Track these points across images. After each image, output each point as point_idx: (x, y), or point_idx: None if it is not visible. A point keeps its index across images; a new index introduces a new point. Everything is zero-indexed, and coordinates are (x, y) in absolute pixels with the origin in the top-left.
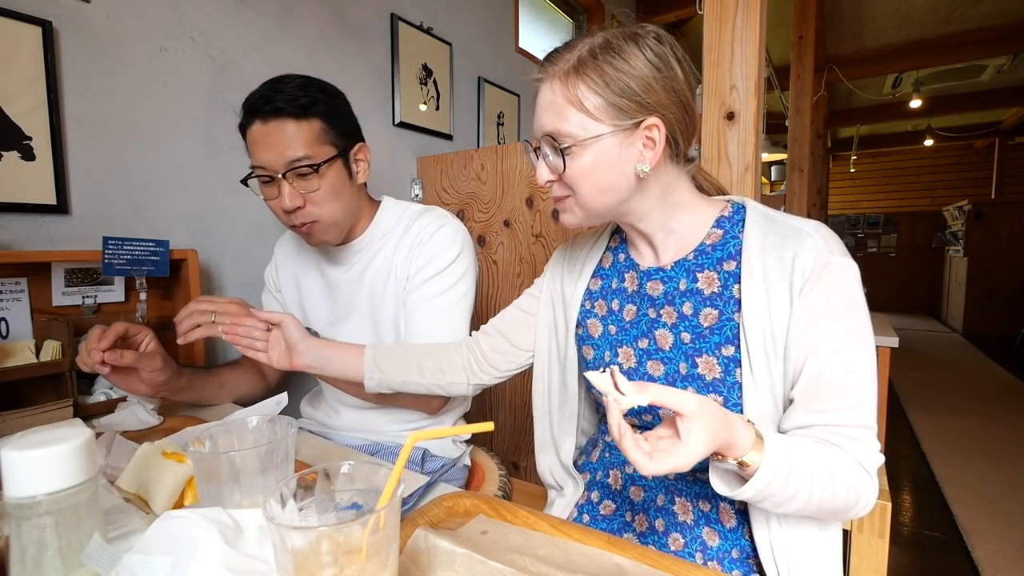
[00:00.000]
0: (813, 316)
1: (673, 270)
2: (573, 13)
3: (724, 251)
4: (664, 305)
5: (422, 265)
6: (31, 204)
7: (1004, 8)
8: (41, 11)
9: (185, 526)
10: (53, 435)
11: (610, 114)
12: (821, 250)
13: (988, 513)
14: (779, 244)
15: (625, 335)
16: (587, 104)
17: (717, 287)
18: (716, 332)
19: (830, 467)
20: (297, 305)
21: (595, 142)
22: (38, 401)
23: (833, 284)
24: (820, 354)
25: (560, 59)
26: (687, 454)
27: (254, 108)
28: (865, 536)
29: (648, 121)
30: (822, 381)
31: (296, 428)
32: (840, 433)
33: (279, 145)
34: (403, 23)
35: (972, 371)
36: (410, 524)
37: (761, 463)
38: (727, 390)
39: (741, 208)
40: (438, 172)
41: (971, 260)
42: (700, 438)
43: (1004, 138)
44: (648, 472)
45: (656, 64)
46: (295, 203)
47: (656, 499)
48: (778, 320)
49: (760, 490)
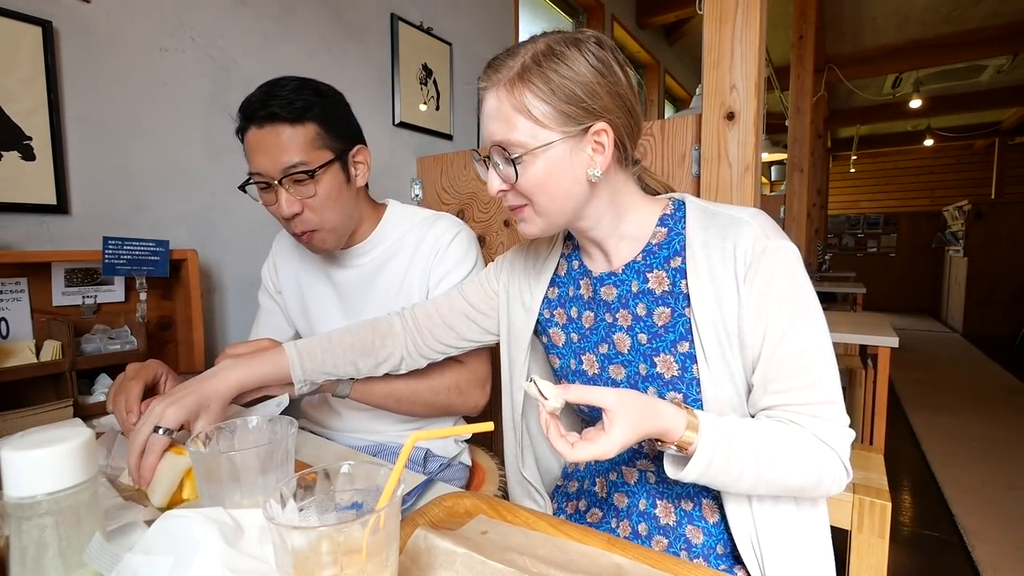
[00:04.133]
0: (759, 301)
1: (624, 273)
2: (573, 13)
3: (670, 248)
4: (619, 309)
5: (442, 276)
6: (31, 204)
7: (1004, 8)
8: (41, 11)
9: (186, 526)
10: (53, 435)
11: (558, 121)
12: (758, 236)
13: (988, 513)
14: (720, 235)
15: (586, 342)
16: (535, 112)
17: (667, 285)
18: (670, 330)
19: (780, 445)
20: (299, 308)
21: (545, 150)
22: (38, 401)
23: (773, 268)
24: (772, 337)
25: (503, 67)
26: (607, 442)
27: (249, 113)
28: (865, 536)
29: (596, 126)
30: (776, 363)
31: (296, 428)
32: (801, 411)
33: (274, 151)
34: (403, 23)
35: (972, 371)
36: (410, 524)
37: (699, 443)
38: (685, 386)
39: (682, 204)
40: (438, 172)
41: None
42: (620, 428)
43: (1004, 138)
44: (570, 459)
45: (599, 69)
46: (292, 210)
47: (638, 504)
48: (728, 310)
49: (702, 471)
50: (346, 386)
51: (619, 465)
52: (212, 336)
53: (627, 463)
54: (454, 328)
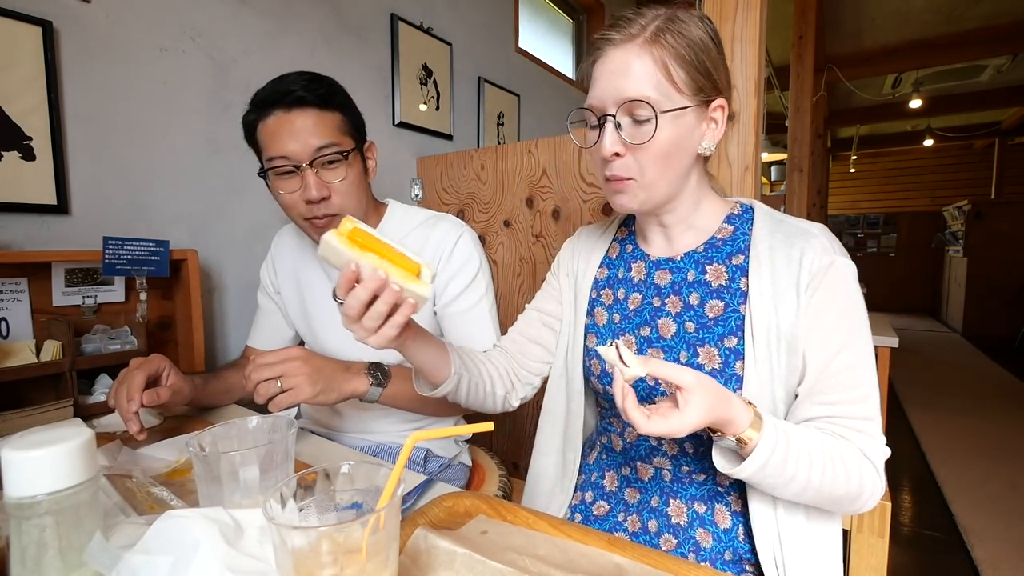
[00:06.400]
0: (820, 312)
1: (682, 261)
2: (573, 13)
3: (733, 246)
4: (670, 294)
5: (449, 278)
6: (31, 204)
7: (1004, 8)
8: (41, 11)
9: (185, 526)
10: (53, 435)
11: (691, 87)
12: (827, 249)
13: (988, 513)
14: (787, 242)
15: (628, 323)
16: (673, 74)
17: (725, 280)
18: (720, 323)
19: (831, 454)
20: (299, 308)
21: (678, 116)
22: (38, 401)
23: (838, 282)
24: (828, 349)
25: (635, 24)
26: (682, 420)
27: (273, 99)
28: (865, 536)
29: (717, 100)
30: (829, 375)
31: (296, 428)
32: (846, 424)
33: (305, 133)
34: (403, 23)
35: (972, 371)
36: (410, 524)
37: (759, 441)
38: (724, 380)
39: (750, 208)
40: (438, 172)
41: (971, 260)
42: (695, 409)
43: (1004, 138)
44: (644, 430)
45: (718, 44)
46: (322, 193)
47: (651, 501)
48: (784, 314)
49: (758, 468)
50: (376, 391)
51: (634, 460)
52: (212, 336)
53: (643, 459)
54: (540, 342)
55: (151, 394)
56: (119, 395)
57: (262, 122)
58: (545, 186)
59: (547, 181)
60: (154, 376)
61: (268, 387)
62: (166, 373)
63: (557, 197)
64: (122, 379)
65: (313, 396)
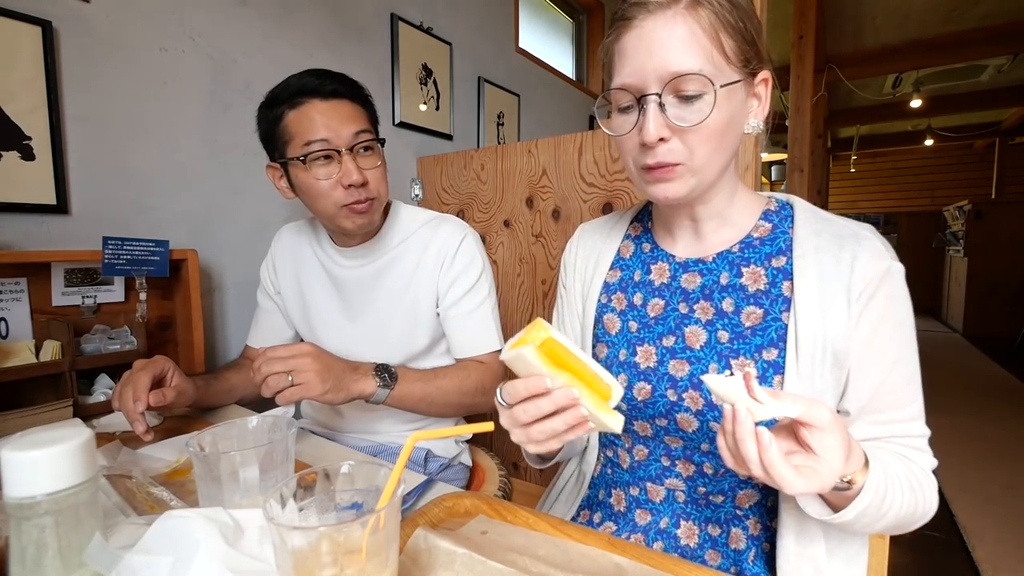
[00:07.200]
0: (877, 323)
1: (715, 262)
2: (573, 13)
3: (773, 246)
4: (699, 300)
5: (452, 280)
6: (31, 204)
7: (1004, 8)
8: (41, 11)
9: (186, 526)
10: (53, 435)
11: (740, 59)
12: (882, 254)
13: (988, 513)
14: (835, 244)
15: (648, 332)
16: (725, 44)
17: (764, 284)
18: (759, 333)
19: (910, 480)
20: (299, 308)
21: (731, 91)
22: (38, 401)
23: (895, 291)
24: (885, 363)
25: None
26: (831, 469)
27: (308, 90)
28: None
29: (763, 73)
30: (886, 391)
31: (296, 428)
32: (907, 444)
33: (343, 118)
34: (403, 23)
35: (972, 371)
36: (410, 524)
37: (867, 480)
38: None
39: (787, 205)
40: (438, 172)
41: (971, 260)
42: (837, 452)
43: (1004, 138)
44: (797, 490)
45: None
46: (363, 177)
47: (659, 522)
48: (832, 324)
49: (863, 510)
50: (384, 392)
51: (644, 480)
52: (212, 336)
53: (654, 480)
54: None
55: (157, 395)
56: (124, 396)
57: (294, 111)
58: (545, 186)
59: (547, 181)
60: (159, 377)
61: (278, 380)
62: (170, 374)
63: (557, 197)
64: (127, 380)
65: (322, 393)
